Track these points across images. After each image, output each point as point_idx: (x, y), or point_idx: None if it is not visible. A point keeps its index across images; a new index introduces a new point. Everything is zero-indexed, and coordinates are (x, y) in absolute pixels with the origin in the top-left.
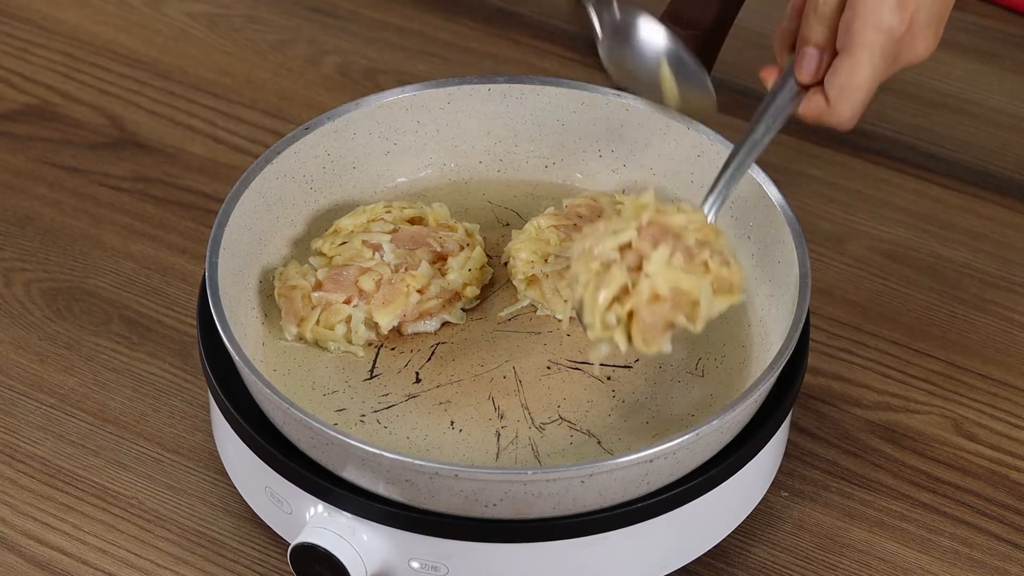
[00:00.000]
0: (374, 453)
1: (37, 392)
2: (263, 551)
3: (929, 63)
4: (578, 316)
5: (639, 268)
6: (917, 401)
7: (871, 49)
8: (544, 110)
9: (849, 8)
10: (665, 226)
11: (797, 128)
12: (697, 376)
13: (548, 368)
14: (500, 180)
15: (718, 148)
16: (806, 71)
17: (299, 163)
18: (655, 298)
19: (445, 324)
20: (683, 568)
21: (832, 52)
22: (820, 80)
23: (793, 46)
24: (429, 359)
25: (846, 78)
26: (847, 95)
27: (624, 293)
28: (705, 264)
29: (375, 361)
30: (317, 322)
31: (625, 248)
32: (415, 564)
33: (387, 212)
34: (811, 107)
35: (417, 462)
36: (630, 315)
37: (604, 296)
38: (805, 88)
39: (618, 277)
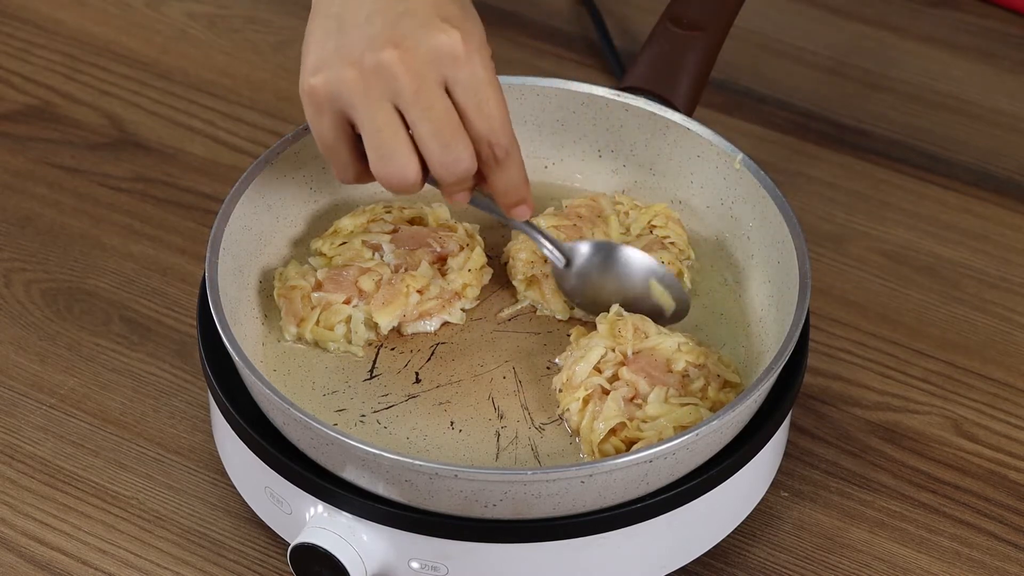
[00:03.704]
0: (374, 453)
1: (37, 392)
2: (263, 551)
3: (929, 63)
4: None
5: (633, 399)
6: (917, 401)
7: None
8: (544, 110)
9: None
10: (653, 355)
11: (797, 128)
12: None
13: (548, 368)
14: None
15: (718, 148)
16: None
17: (299, 163)
18: (660, 439)
19: (445, 324)
20: (683, 568)
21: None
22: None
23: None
24: (429, 359)
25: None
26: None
27: (621, 426)
28: (703, 391)
29: (375, 361)
30: (317, 322)
31: (613, 373)
32: (415, 564)
33: (387, 212)
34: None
35: (417, 462)
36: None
37: (600, 429)
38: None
39: (615, 412)
